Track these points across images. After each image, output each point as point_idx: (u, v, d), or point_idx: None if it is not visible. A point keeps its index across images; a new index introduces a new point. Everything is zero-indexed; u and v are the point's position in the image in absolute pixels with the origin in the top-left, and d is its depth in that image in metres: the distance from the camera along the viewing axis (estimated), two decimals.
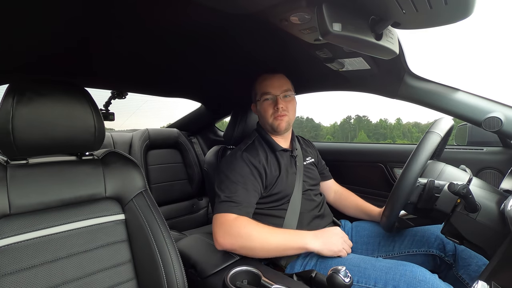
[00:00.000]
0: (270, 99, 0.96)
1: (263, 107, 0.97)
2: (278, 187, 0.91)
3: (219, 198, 0.84)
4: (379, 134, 11.13)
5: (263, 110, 0.98)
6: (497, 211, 0.65)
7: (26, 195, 0.59)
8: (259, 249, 0.77)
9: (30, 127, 0.58)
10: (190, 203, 1.78)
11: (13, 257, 0.55)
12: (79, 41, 0.74)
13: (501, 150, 1.10)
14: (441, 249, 0.86)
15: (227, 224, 0.79)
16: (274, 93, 0.96)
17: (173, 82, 1.29)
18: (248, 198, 0.84)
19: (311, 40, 0.71)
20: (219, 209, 0.82)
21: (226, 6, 0.59)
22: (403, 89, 1.01)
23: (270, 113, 0.96)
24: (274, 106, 0.95)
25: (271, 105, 0.96)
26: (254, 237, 0.76)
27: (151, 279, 0.66)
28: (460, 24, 0.54)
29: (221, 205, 0.82)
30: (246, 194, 0.84)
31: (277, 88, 0.96)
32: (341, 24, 0.50)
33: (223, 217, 0.80)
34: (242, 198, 0.83)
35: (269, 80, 0.97)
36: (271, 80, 0.97)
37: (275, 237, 0.78)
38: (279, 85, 0.97)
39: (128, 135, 1.69)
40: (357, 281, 0.71)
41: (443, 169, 0.79)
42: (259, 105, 0.99)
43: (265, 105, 0.97)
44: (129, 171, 0.74)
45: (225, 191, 0.84)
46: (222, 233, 0.78)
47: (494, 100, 0.91)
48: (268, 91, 0.96)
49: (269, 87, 0.96)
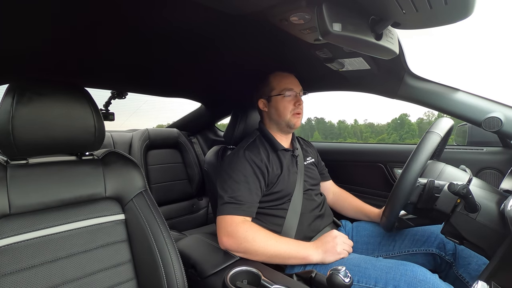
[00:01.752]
0: (292, 95, 0.97)
1: (283, 103, 0.97)
2: (279, 186, 0.91)
3: (222, 199, 0.84)
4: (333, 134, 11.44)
5: (282, 106, 0.97)
6: (497, 211, 0.65)
7: (26, 195, 0.59)
8: (262, 254, 0.78)
9: (30, 127, 0.58)
10: (190, 203, 1.78)
11: (13, 257, 0.55)
12: (79, 41, 0.74)
13: (501, 150, 1.10)
14: (441, 248, 0.86)
15: (233, 226, 0.79)
16: (296, 90, 0.98)
17: (173, 82, 1.29)
18: (251, 197, 0.84)
19: (311, 40, 0.71)
20: (224, 210, 0.82)
21: (226, 7, 0.58)
22: (403, 89, 1.01)
23: (290, 109, 0.96)
24: (295, 102, 0.97)
25: (292, 102, 0.97)
26: (259, 243, 0.77)
27: (151, 279, 0.66)
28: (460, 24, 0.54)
29: (225, 207, 0.82)
30: (249, 193, 0.84)
31: (297, 86, 0.99)
32: (341, 24, 0.50)
33: (229, 219, 0.81)
34: (245, 198, 0.83)
35: (290, 78, 0.99)
36: (290, 78, 0.99)
37: (279, 246, 0.79)
38: (297, 83, 1.00)
39: (128, 135, 1.69)
40: (357, 281, 0.71)
41: (443, 169, 0.79)
42: (277, 100, 0.97)
43: (285, 101, 0.97)
44: (129, 171, 0.74)
45: (228, 191, 0.84)
46: (228, 235, 0.79)
47: (494, 100, 0.91)
48: (291, 87, 0.97)
49: (291, 84, 0.98)
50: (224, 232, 0.80)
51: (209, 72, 1.15)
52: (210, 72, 1.14)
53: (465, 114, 0.92)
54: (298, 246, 0.81)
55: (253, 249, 0.77)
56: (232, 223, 0.80)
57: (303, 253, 0.80)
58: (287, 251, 0.79)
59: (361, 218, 1.09)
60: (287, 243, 0.81)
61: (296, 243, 0.83)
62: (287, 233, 0.90)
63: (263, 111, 1.03)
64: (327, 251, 0.80)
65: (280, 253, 0.78)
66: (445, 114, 0.97)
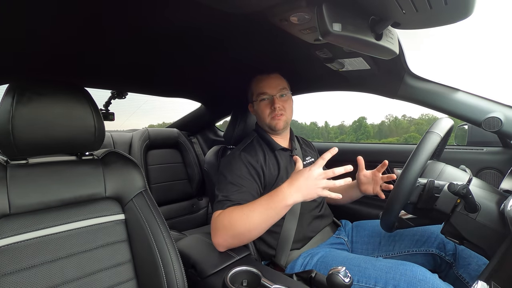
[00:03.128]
0: (267, 99, 0.97)
1: (260, 108, 0.98)
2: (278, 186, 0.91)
3: (217, 198, 0.84)
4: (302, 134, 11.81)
5: (260, 111, 0.98)
6: (497, 211, 0.65)
7: (26, 195, 0.59)
8: (247, 231, 0.73)
9: (30, 127, 0.58)
10: (190, 203, 1.78)
11: (13, 257, 0.55)
12: (79, 41, 0.74)
13: (501, 150, 1.10)
14: (441, 248, 0.86)
15: (214, 221, 0.78)
16: (271, 93, 0.96)
17: (173, 82, 1.29)
18: (246, 198, 0.83)
19: (311, 40, 0.71)
20: (214, 208, 0.82)
21: (226, 6, 0.58)
22: (403, 89, 1.01)
23: (267, 113, 0.97)
24: (271, 106, 0.96)
25: (268, 105, 0.97)
26: (237, 223, 0.73)
27: (151, 279, 0.66)
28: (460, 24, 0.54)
29: (215, 205, 0.83)
30: (242, 193, 0.84)
31: (274, 88, 0.97)
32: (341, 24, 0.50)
33: (214, 215, 0.80)
34: (238, 197, 0.82)
35: (265, 81, 0.98)
36: (267, 81, 0.98)
37: (256, 213, 0.73)
38: (275, 84, 0.97)
39: (128, 135, 1.69)
40: (357, 281, 0.71)
41: (443, 169, 0.79)
42: (256, 105, 1.00)
43: (262, 105, 0.97)
44: (129, 171, 0.74)
45: (223, 191, 0.84)
46: (213, 232, 0.77)
47: (494, 100, 0.91)
48: (264, 91, 0.97)
49: (265, 87, 0.97)
50: (211, 231, 0.78)
51: (209, 72, 1.15)
52: (210, 72, 1.14)
53: (465, 114, 0.92)
54: (272, 200, 0.72)
55: (236, 231, 0.73)
56: (213, 219, 0.78)
57: (280, 203, 0.71)
58: (265, 211, 0.72)
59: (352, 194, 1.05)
60: (260, 204, 0.74)
61: (269, 197, 0.74)
62: (286, 233, 0.90)
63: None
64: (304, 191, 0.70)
65: (262, 218, 0.72)
66: (445, 114, 0.97)
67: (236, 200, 0.81)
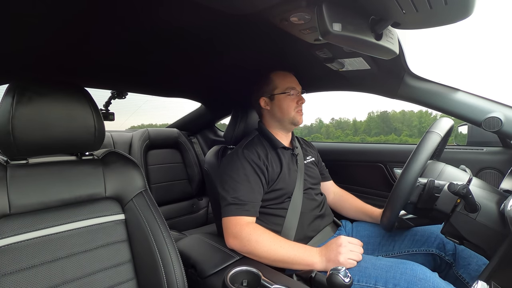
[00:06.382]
0: (295, 94, 1.00)
1: (286, 101, 0.99)
2: (280, 183, 0.92)
3: (226, 201, 0.84)
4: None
5: (286, 104, 0.99)
6: (497, 211, 0.65)
7: (26, 195, 0.59)
8: (266, 258, 0.77)
9: (30, 127, 0.58)
10: (190, 203, 1.78)
11: (13, 257, 0.55)
12: (79, 41, 0.74)
13: (501, 150, 1.10)
14: (441, 248, 0.86)
15: (238, 228, 0.80)
16: (298, 89, 1.01)
17: (173, 82, 1.29)
18: (253, 195, 0.85)
19: (311, 40, 0.71)
20: (228, 212, 0.82)
21: (226, 7, 0.58)
22: (403, 89, 1.01)
23: (293, 107, 0.99)
24: (297, 101, 1.00)
25: (295, 100, 1.00)
26: (263, 247, 0.77)
27: (151, 279, 0.66)
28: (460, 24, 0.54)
29: (229, 208, 0.83)
30: (251, 192, 0.85)
31: (298, 85, 1.03)
32: (341, 24, 0.50)
33: (233, 220, 0.81)
34: (248, 197, 0.83)
35: (291, 77, 1.02)
36: (292, 77, 1.03)
37: (284, 251, 0.77)
38: (298, 82, 1.03)
39: (128, 135, 1.69)
40: (357, 280, 0.71)
41: (443, 169, 0.79)
42: (280, 99, 0.99)
43: (288, 99, 0.99)
44: (129, 171, 0.74)
45: (230, 191, 0.84)
46: (233, 236, 0.80)
47: (494, 100, 0.91)
48: (294, 86, 1.00)
49: (293, 82, 1.01)
50: (229, 233, 0.81)
51: (209, 72, 1.15)
52: (210, 72, 1.14)
53: (465, 114, 0.92)
54: (303, 253, 0.78)
55: (257, 252, 0.77)
56: (236, 225, 0.80)
57: (307, 260, 0.77)
58: (291, 257, 0.77)
59: (363, 219, 1.09)
60: (292, 249, 0.78)
61: (302, 248, 0.79)
62: (287, 232, 0.90)
63: (265, 110, 1.03)
64: (330, 260, 0.76)
65: (284, 259, 0.77)
66: (445, 114, 0.97)
67: (248, 202, 0.83)
